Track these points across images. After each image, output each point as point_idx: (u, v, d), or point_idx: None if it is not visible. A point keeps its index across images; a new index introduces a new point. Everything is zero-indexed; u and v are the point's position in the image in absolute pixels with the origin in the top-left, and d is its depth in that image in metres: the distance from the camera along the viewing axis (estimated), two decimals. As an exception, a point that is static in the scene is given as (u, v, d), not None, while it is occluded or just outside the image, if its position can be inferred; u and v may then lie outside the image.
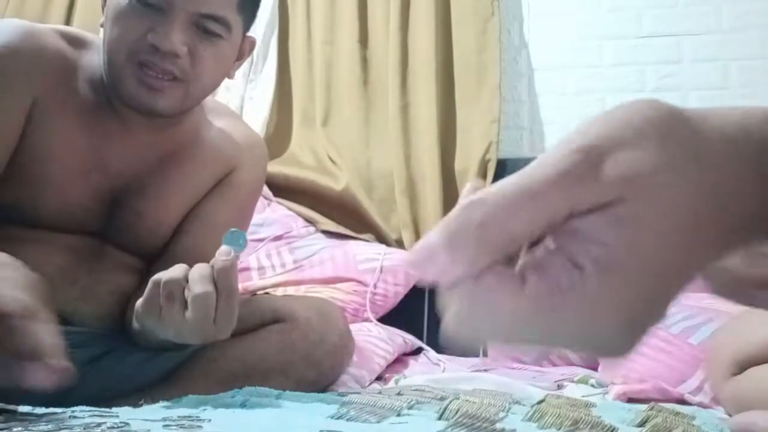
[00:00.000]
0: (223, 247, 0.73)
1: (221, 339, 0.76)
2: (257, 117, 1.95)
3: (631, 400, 0.98)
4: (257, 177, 1.12)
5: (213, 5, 0.88)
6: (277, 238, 1.75)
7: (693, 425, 0.72)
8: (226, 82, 2.04)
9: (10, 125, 0.89)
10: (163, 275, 0.75)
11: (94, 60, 0.95)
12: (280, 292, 1.58)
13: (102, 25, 0.93)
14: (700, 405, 0.96)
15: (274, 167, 1.86)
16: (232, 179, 1.05)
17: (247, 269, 1.67)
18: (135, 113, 0.93)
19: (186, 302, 0.72)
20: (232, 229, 0.75)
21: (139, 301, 0.77)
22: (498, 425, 0.61)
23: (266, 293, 1.46)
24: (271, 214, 1.81)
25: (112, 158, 0.95)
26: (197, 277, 0.72)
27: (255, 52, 1.99)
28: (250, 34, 1.00)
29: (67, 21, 2.14)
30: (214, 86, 0.97)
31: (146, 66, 0.87)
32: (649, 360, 1.05)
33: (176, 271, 0.74)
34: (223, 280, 0.72)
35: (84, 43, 0.96)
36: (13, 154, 0.89)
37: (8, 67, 0.89)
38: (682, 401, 0.97)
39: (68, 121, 0.91)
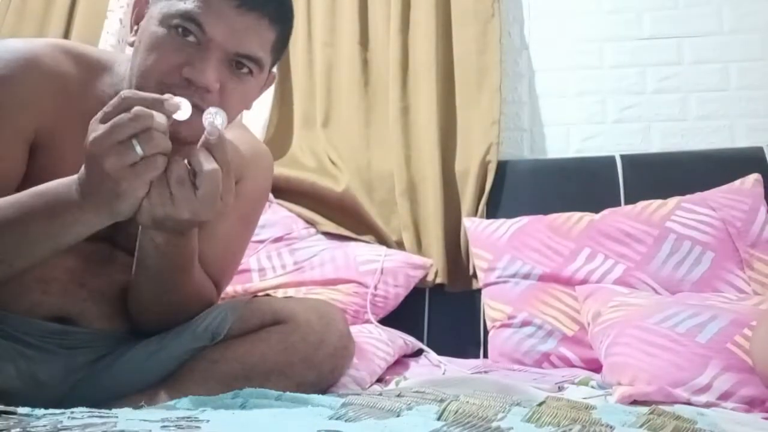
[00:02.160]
0: (210, 127, 0.79)
1: (226, 209, 0.83)
2: (258, 118, 1.95)
3: (635, 403, 0.98)
4: (262, 188, 1.12)
5: (252, 47, 0.88)
6: (278, 239, 1.75)
7: (695, 429, 0.72)
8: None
9: (13, 159, 0.89)
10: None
11: (102, 78, 0.94)
12: (280, 293, 1.58)
13: (131, 44, 0.92)
14: (707, 404, 0.96)
15: (275, 169, 1.86)
16: (237, 188, 1.05)
17: (247, 271, 1.67)
18: None
19: (192, 183, 0.78)
20: (210, 108, 0.80)
21: (146, 202, 0.79)
22: (495, 424, 0.61)
23: (266, 295, 1.46)
24: (272, 216, 1.81)
25: None
26: (203, 157, 0.79)
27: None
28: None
29: (69, 22, 2.14)
30: (234, 118, 0.97)
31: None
32: (657, 359, 1.05)
33: (177, 160, 0.79)
34: (220, 156, 0.79)
35: (91, 60, 0.96)
36: (23, 182, 0.89)
37: (7, 101, 0.88)
38: (688, 404, 0.96)
39: (75, 143, 0.91)
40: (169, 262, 0.90)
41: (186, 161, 0.79)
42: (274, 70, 1.00)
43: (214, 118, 0.79)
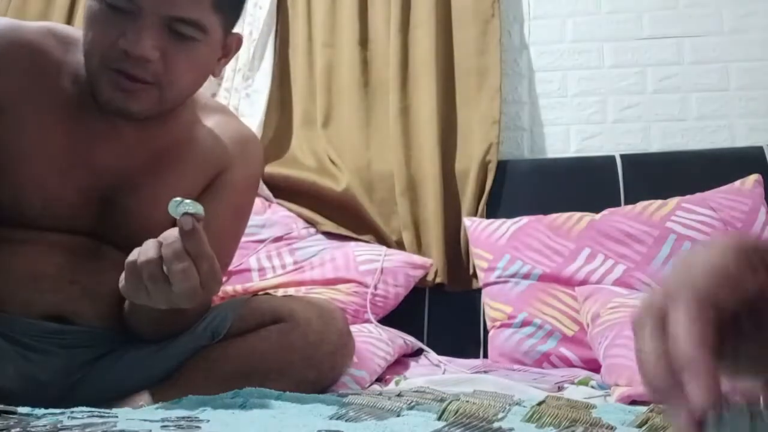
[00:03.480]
0: (183, 218, 0.74)
1: (213, 296, 0.80)
2: (254, 116, 1.94)
3: (633, 403, 0.98)
4: (250, 174, 1.09)
5: (183, 8, 0.86)
6: (278, 239, 1.75)
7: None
8: (225, 82, 2.03)
9: None
10: (137, 257, 0.76)
11: (81, 59, 0.93)
12: (280, 293, 1.58)
13: None
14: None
15: (275, 168, 1.86)
16: (224, 179, 1.04)
17: (247, 270, 1.67)
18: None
19: (167, 278, 0.75)
20: (177, 199, 0.76)
21: (122, 285, 0.78)
22: (496, 424, 0.61)
23: (266, 294, 1.46)
24: (272, 216, 1.81)
25: (96, 155, 0.94)
26: (171, 254, 0.74)
27: (251, 51, 1.99)
28: (238, 31, 0.98)
29: (69, 22, 2.14)
30: (195, 86, 0.95)
31: (119, 71, 0.86)
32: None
33: (150, 251, 0.76)
34: (193, 248, 0.75)
35: (73, 41, 0.95)
36: None
37: None
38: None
39: (45, 118, 0.90)
40: (164, 310, 0.90)
41: (159, 257, 0.76)
42: (244, 33, 0.98)
43: (183, 207, 0.74)
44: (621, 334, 1.15)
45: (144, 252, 0.76)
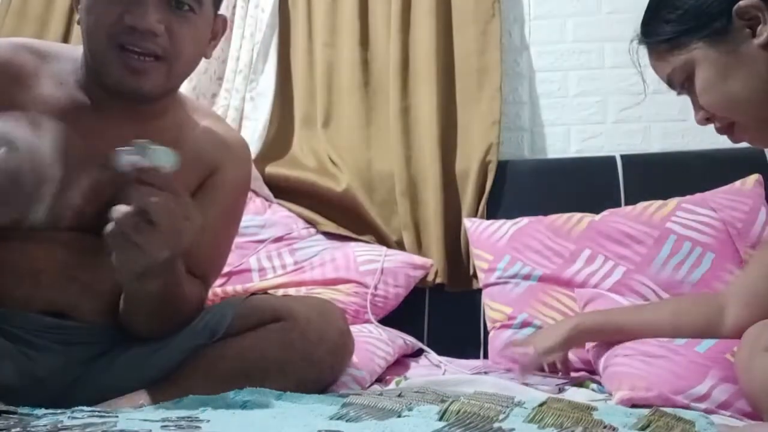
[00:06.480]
0: (129, 166, 0.77)
1: (198, 228, 0.82)
2: (258, 118, 1.95)
3: (634, 406, 0.97)
4: (240, 177, 1.11)
5: None
6: (278, 239, 1.75)
7: (694, 430, 0.72)
8: (226, 83, 2.04)
9: None
10: (112, 223, 0.78)
11: (62, 66, 0.95)
12: (280, 293, 1.58)
13: (78, 22, 0.94)
14: (706, 411, 0.96)
15: (275, 168, 1.86)
16: (214, 181, 1.06)
17: (247, 270, 1.67)
18: (116, 107, 0.93)
19: (150, 221, 0.77)
20: (125, 148, 0.77)
21: (118, 263, 0.80)
22: (497, 425, 0.61)
23: (266, 294, 1.46)
24: (272, 216, 1.81)
25: (91, 157, 0.93)
26: (144, 192, 0.77)
27: (255, 53, 1.99)
28: (229, 24, 1.02)
29: (69, 23, 2.13)
30: (194, 64, 0.98)
31: (127, 49, 0.88)
32: (655, 368, 1.04)
33: (121, 208, 0.78)
34: (160, 182, 0.78)
35: (48, 52, 0.97)
36: None
37: None
38: (687, 409, 0.96)
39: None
40: (160, 299, 0.91)
41: (132, 207, 0.77)
42: (225, 14, 1.02)
43: (131, 153, 0.76)
44: (624, 345, 1.14)
45: (117, 211, 0.77)
